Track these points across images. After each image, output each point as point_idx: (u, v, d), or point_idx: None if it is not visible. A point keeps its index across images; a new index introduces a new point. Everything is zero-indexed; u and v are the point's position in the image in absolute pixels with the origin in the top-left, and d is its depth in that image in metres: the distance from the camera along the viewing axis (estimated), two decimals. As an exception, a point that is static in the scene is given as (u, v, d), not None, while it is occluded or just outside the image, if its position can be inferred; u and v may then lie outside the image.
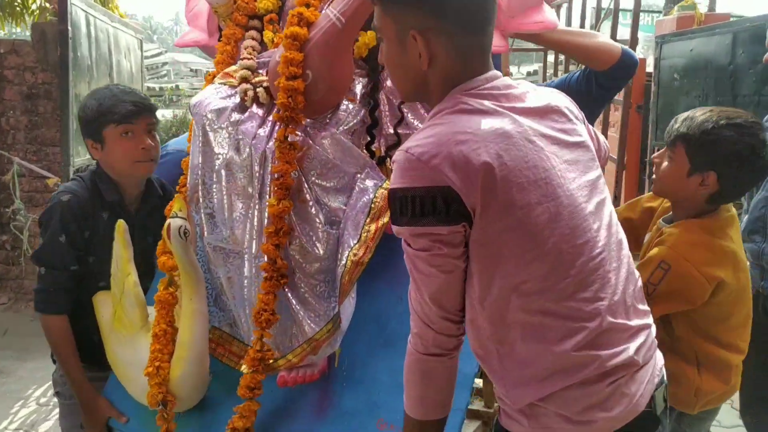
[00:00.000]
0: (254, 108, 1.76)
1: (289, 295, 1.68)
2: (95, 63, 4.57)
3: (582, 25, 6.19)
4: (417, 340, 1.27)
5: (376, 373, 1.71)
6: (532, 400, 1.21)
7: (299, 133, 1.69)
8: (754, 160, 1.72)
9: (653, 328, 1.32)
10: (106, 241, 1.88)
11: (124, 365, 1.84)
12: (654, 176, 1.90)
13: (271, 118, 1.73)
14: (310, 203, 1.68)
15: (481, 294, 1.19)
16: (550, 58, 7.28)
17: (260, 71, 1.84)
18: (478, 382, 2.40)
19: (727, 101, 4.82)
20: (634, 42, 5.19)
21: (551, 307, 1.17)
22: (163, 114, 10.47)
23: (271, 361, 1.68)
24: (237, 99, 1.78)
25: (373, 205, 1.66)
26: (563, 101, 1.32)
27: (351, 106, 1.76)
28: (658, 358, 1.34)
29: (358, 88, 1.80)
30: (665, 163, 1.83)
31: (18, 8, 5.67)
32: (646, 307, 1.33)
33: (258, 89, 1.77)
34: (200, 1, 2.16)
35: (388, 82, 1.80)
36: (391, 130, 1.80)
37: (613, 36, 5.06)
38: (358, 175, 1.72)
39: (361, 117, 1.77)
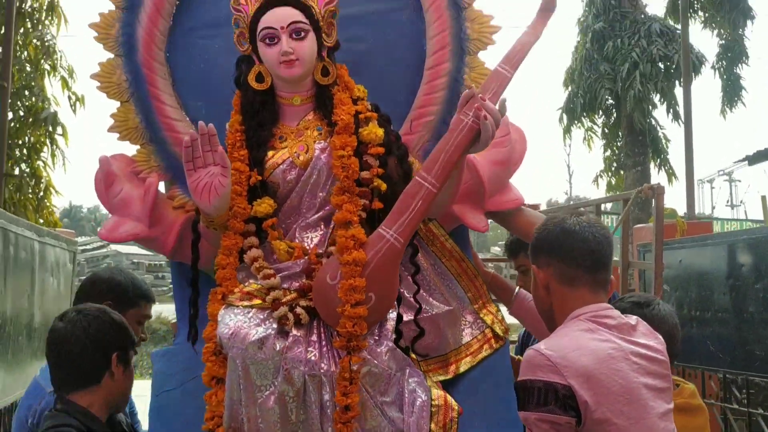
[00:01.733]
0: (293, 330, 1.71)
1: None
2: (8, 284, 3.82)
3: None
4: None
5: None
6: None
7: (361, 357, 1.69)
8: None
9: None
10: None
11: None
12: None
13: (314, 338, 1.73)
14: (382, 424, 1.69)
15: None
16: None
17: (284, 285, 1.77)
18: None
19: (730, 318, 4.48)
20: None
21: None
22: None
23: None
24: (274, 324, 1.71)
25: (433, 409, 1.71)
26: (663, 345, 1.54)
27: (394, 313, 1.79)
28: None
29: None
30: None
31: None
32: None
33: (297, 310, 1.72)
34: (125, 185, 1.98)
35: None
36: (407, 319, 1.83)
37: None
38: (401, 378, 1.74)
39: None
